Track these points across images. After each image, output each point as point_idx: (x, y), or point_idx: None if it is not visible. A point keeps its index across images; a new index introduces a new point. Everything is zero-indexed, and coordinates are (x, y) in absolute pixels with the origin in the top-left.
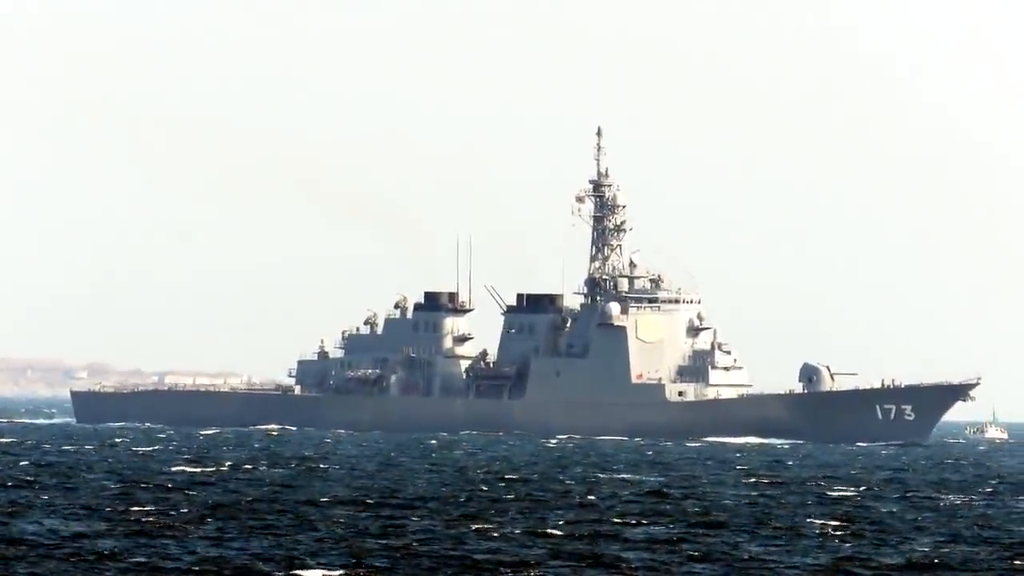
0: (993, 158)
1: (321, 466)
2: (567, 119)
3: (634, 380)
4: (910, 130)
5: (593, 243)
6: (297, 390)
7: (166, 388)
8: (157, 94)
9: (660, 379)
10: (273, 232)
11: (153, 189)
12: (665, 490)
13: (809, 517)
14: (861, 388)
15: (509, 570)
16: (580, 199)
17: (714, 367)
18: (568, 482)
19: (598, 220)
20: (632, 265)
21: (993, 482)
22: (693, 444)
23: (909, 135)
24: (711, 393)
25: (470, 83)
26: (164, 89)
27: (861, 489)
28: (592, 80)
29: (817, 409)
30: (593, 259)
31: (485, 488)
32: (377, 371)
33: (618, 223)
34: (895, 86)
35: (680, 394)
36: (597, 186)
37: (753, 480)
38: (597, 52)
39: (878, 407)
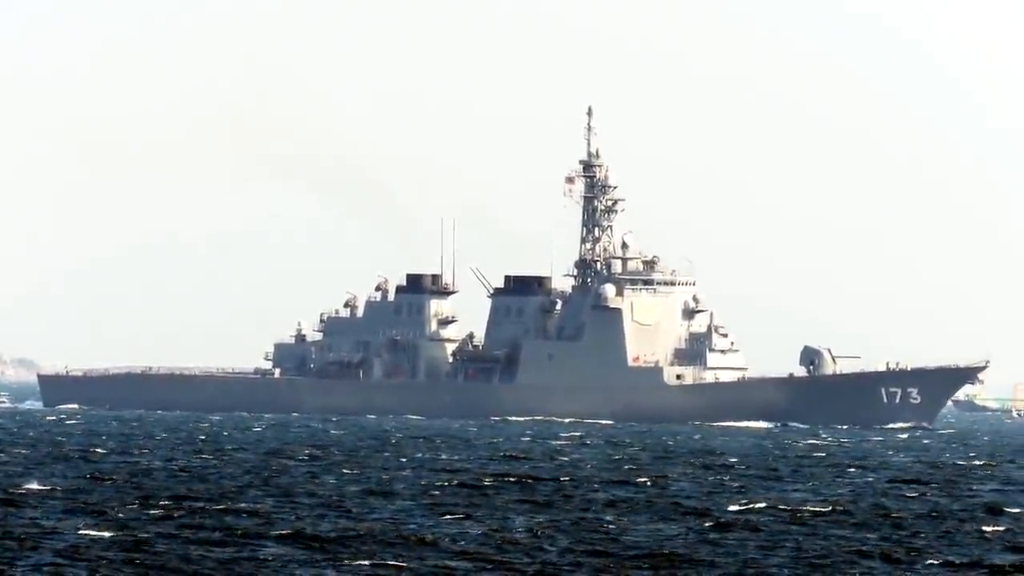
0: (1000, 135)
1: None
2: (557, 98)
3: (630, 363)
4: (910, 108)
5: (584, 224)
6: (276, 373)
7: (139, 372)
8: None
9: (657, 362)
10: (246, 209)
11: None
12: None
13: None
14: (866, 371)
15: None
16: (570, 180)
17: (711, 350)
18: None
19: (588, 201)
20: (625, 246)
21: None
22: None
23: (909, 113)
24: (709, 376)
25: (457, 60)
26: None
27: None
28: (582, 58)
29: (821, 393)
30: (584, 240)
31: None
32: (359, 354)
33: (609, 204)
34: (893, 59)
35: (678, 377)
36: (588, 166)
37: None
38: (587, 30)
39: (883, 390)
